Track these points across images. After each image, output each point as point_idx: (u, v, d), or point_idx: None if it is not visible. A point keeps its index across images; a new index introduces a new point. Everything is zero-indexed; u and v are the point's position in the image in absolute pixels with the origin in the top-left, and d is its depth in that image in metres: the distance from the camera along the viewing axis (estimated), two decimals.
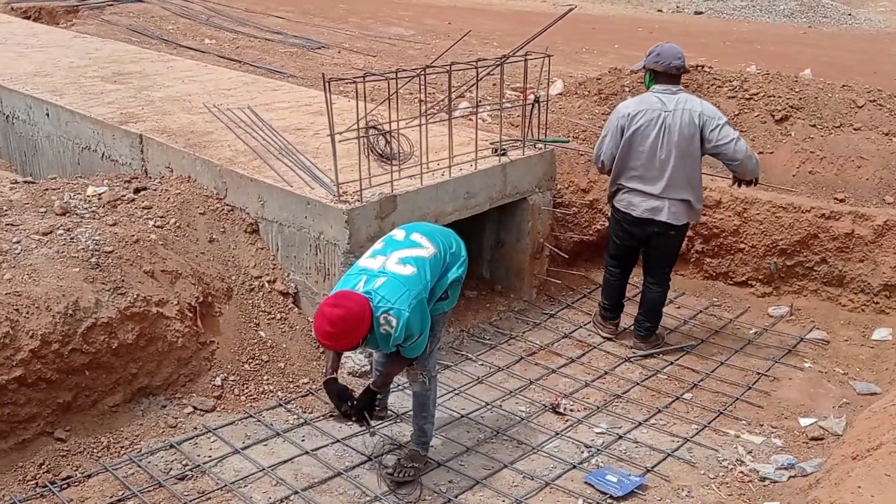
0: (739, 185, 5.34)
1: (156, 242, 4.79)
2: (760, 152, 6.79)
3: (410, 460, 4.07)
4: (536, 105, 5.79)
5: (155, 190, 5.41)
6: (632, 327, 5.61)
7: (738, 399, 4.88)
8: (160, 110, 6.74)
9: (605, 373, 5.23)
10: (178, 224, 5.15)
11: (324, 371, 4.08)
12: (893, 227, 5.71)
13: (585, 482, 4.07)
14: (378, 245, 3.94)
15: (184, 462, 4.09)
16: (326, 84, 4.52)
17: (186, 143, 5.82)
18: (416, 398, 4.05)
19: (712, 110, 5.08)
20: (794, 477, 4.07)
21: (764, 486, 4.05)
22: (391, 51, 12.64)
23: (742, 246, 6.16)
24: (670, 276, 5.50)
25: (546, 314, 6.02)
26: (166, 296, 4.53)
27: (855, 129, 6.70)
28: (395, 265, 3.73)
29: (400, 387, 4.74)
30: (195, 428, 4.36)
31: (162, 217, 5.15)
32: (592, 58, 13.00)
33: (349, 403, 3.88)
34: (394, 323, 3.57)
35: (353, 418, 3.93)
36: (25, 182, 5.54)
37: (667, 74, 5.07)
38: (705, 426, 4.59)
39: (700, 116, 4.99)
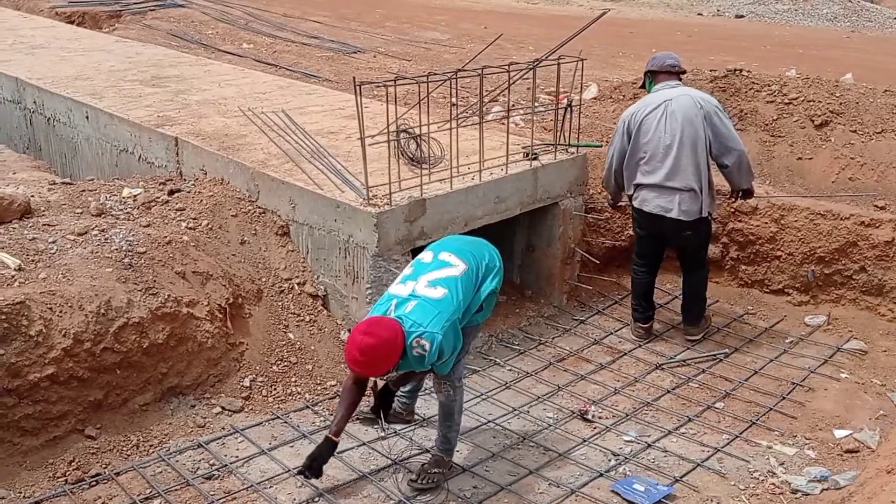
0: (737, 198, 5.56)
1: (188, 244, 4.85)
2: (799, 158, 6.70)
3: (435, 465, 4.04)
4: (569, 109, 5.75)
5: (188, 192, 5.48)
6: (680, 324, 5.72)
7: (771, 409, 4.78)
8: (196, 113, 6.83)
9: (636, 380, 5.17)
10: (210, 226, 5.20)
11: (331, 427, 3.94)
12: None
13: (612, 491, 4.01)
14: (407, 271, 3.92)
15: (211, 462, 4.12)
16: (357, 87, 4.54)
17: (220, 146, 5.88)
18: (442, 407, 4.03)
19: (713, 99, 5.37)
20: (826, 490, 3.98)
21: (796, 498, 3.96)
22: (426, 55, 12.68)
23: (779, 253, 6.05)
24: (706, 261, 5.62)
25: (576, 320, 5.96)
26: (197, 297, 4.58)
27: None
28: (426, 288, 3.72)
29: (427, 391, 4.72)
30: (223, 428, 4.40)
31: (195, 219, 5.22)
32: (629, 62, 12.88)
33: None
34: (427, 346, 3.56)
35: (372, 415, 3.92)
36: (63, 183, 5.65)
37: (664, 73, 5.40)
38: (737, 436, 4.50)
39: (704, 101, 5.23)
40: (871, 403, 4.86)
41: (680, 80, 5.42)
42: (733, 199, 5.65)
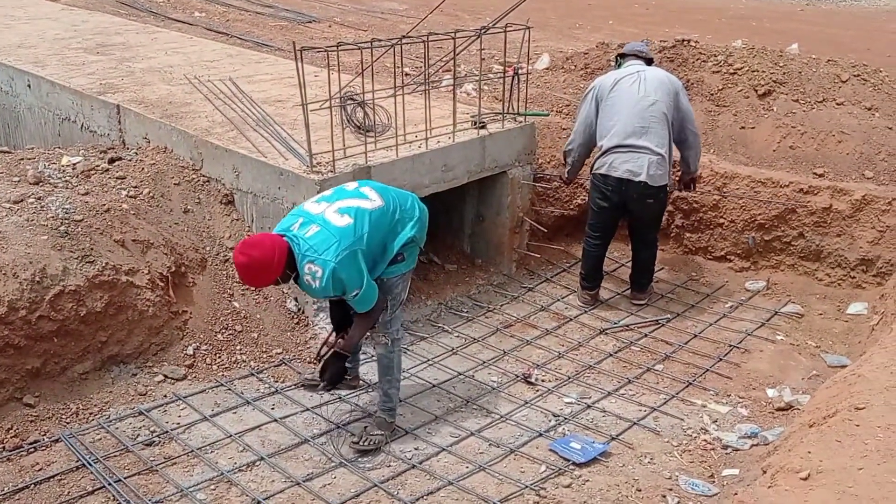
0: (681, 188, 5.81)
1: (127, 212, 4.80)
2: (742, 127, 6.79)
3: (377, 427, 4.10)
4: (516, 78, 5.77)
5: (130, 160, 5.41)
6: (627, 290, 5.88)
7: (707, 370, 4.90)
8: (140, 81, 6.72)
9: (580, 344, 5.25)
10: (151, 194, 5.15)
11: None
12: (871, 202, 5.71)
13: (550, 449, 4.10)
14: (327, 192, 3.95)
15: (152, 428, 4.12)
16: (298, 53, 4.50)
17: (163, 114, 5.80)
18: (380, 361, 4.09)
19: (678, 80, 5.66)
20: (756, 445, 4.11)
21: (726, 453, 4.08)
22: (383, 25, 12.58)
23: (721, 221, 6.16)
24: (658, 238, 5.77)
25: (525, 288, 6.03)
26: (137, 265, 4.54)
27: (838, 104, 6.66)
28: (333, 214, 3.73)
29: (373, 357, 4.76)
30: (165, 396, 4.39)
31: (136, 187, 5.16)
32: (585, 33, 12.92)
33: (322, 368, 3.96)
34: (318, 273, 3.61)
35: (324, 383, 3.98)
36: (1, 152, 5.53)
37: (633, 56, 5.66)
38: (673, 396, 4.62)
39: (671, 79, 5.51)
40: (804, 364, 5.01)
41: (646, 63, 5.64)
42: (678, 189, 5.83)
